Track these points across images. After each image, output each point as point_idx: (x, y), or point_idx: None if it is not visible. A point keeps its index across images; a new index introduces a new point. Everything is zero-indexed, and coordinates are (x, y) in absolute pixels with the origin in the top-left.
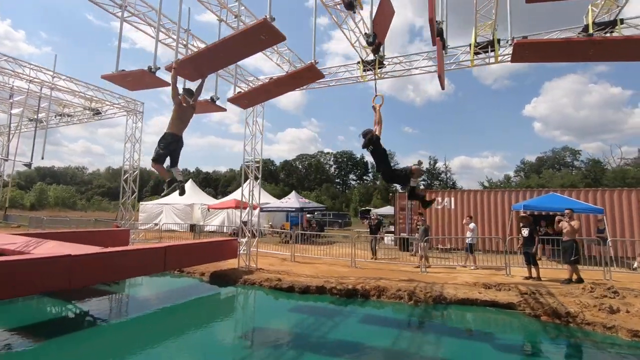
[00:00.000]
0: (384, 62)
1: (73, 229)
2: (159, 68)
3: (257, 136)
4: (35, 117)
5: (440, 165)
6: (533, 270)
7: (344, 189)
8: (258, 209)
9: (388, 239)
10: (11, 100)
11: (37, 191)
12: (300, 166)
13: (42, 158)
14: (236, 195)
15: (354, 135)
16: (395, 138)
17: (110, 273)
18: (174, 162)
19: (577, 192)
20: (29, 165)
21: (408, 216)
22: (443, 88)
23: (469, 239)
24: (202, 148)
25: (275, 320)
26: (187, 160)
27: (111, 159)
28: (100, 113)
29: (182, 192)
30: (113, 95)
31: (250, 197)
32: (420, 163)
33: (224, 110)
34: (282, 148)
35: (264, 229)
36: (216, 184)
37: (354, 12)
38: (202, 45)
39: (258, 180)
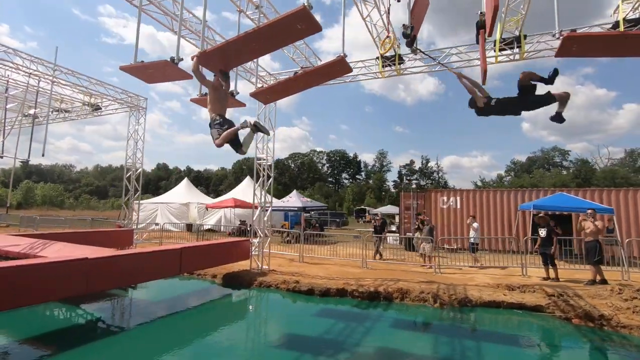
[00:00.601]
0: (404, 58)
1: (74, 229)
2: (182, 59)
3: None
4: (32, 112)
5: (432, 164)
6: (551, 270)
7: (336, 188)
8: (270, 209)
9: (392, 238)
10: (7, 95)
11: (23, 189)
12: (292, 165)
13: (43, 155)
14: (233, 194)
15: (345, 133)
16: (386, 137)
17: (127, 276)
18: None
19: (583, 192)
20: (26, 162)
21: (413, 216)
22: (484, 83)
23: (472, 238)
24: (192, 146)
25: (303, 325)
26: (177, 158)
27: (99, 157)
28: (100, 109)
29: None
30: (116, 90)
31: (264, 196)
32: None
33: (244, 105)
34: (274, 146)
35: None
36: (207, 183)
37: (398, 1)
38: (219, 38)
39: (270, 179)
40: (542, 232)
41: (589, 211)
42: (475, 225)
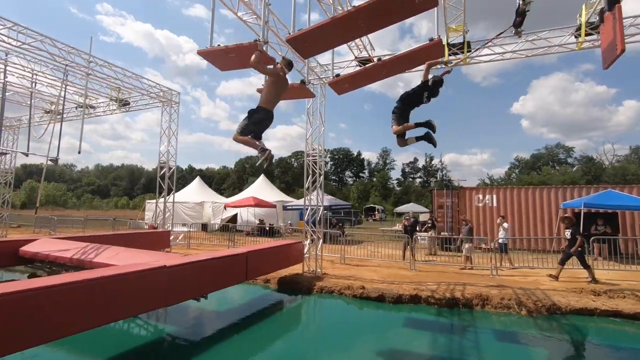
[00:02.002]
0: (471, 46)
1: (99, 230)
2: (268, 42)
3: (312, 129)
4: (53, 108)
5: (436, 162)
6: (589, 271)
7: (339, 186)
8: (322, 208)
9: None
10: (33, 90)
11: (27, 189)
12: (295, 163)
13: (79, 152)
14: (249, 192)
15: (345, 132)
16: (385, 135)
17: (201, 285)
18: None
19: (629, 188)
20: (55, 160)
21: (447, 214)
22: (607, 67)
23: (502, 239)
24: (191, 145)
25: (401, 340)
26: (177, 156)
27: (97, 156)
28: (129, 104)
29: (269, 164)
30: (150, 84)
31: (320, 194)
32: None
33: (313, 96)
34: (273, 145)
35: (279, 227)
36: (210, 182)
37: None
38: (279, 24)
39: (321, 177)
40: (567, 234)
41: None
42: (505, 225)
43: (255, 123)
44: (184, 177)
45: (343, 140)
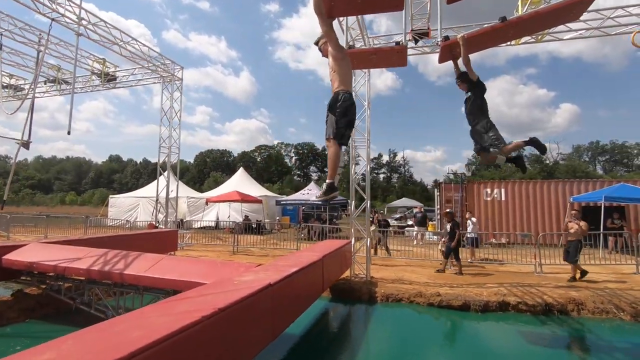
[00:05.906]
0: None
1: (77, 232)
2: None
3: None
4: (32, 81)
5: (399, 158)
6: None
7: (304, 181)
8: (369, 202)
9: (428, 235)
10: None
11: None
12: (259, 158)
13: (69, 133)
14: (231, 186)
15: (305, 127)
16: None
17: (297, 306)
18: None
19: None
20: (27, 145)
21: (457, 210)
22: None
23: (471, 233)
24: (144, 137)
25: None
26: (128, 149)
27: (35, 147)
28: (116, 79)
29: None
30: (151, 54)
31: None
32: None
33: (406, 64)
34: (231, 139)
35: (265, 223)
36: None
37: None
38: None
39: (369, 166)
40: (447, 227)
41: (573, 212)
42: (473, 219)
43: (351, 119)
44: (138, 171)
45: (303, 135)
